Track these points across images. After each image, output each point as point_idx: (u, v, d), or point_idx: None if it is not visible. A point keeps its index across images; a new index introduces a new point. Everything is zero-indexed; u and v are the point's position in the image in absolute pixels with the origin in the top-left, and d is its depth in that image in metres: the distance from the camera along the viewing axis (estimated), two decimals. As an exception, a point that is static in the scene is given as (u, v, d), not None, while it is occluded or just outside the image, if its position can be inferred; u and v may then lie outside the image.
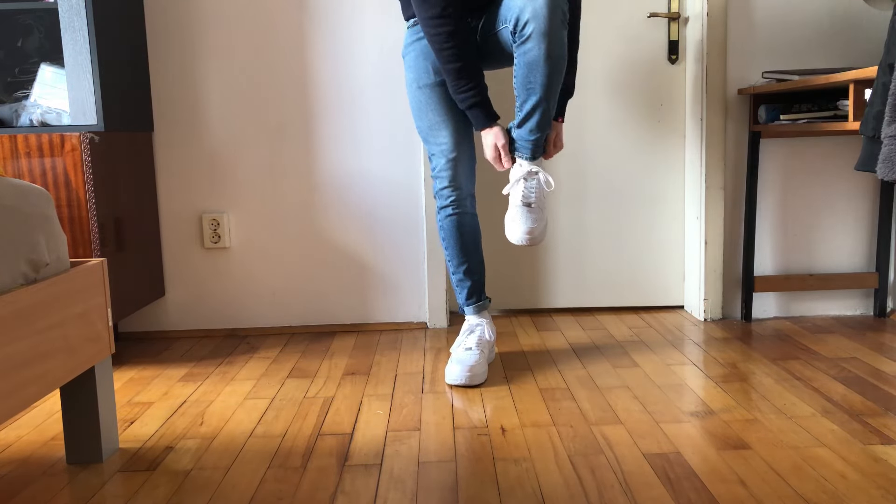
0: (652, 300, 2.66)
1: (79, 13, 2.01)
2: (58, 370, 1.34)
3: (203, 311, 2.50)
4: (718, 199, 2.47)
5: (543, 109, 1.79)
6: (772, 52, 2.43)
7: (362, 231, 2.48)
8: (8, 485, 1.42)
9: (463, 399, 1.81)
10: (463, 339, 2.01)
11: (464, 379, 1.89)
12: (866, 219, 2.51)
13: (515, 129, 1.87)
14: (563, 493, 1.33)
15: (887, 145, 1.62)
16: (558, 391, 1.85)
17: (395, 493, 1.34)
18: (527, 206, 1.86)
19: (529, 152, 1.87)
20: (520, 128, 1.85)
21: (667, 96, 2.55)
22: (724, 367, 2.00)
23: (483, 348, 1.98)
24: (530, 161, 1.88)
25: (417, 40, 1.96)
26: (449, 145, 1.94)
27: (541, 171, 1.88)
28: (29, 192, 1.36)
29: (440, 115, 1.94)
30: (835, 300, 2.55)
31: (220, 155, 2.44)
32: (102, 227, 2.05)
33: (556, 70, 1.74)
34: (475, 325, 2.03)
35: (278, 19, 2.39)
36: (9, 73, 2.16)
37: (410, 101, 1.99)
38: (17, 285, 1.28)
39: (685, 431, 1.58)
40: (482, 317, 2.05)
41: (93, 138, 2.00)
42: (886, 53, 1.67)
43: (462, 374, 1.89)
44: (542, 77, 1.74)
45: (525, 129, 1.84)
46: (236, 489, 1.38)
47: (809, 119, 2.10)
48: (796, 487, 1.32)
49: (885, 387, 1.82)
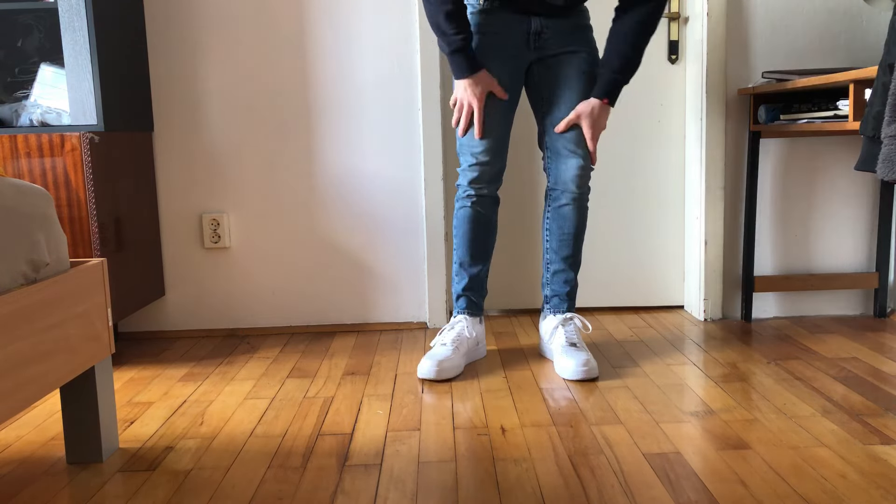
0: (652, 300, 2.66)
1: (79, 13, 2.01)
2: (58, 370, 1.34)
3: (203, 311, 2.50)
4: (718, 199, 2.47)
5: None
6: (772, 52, 2.43)
7: (362, 231, 2.48)
8: (8, 485, 1.42)
9: (463, 399, 1.81)
10: (441, 336, 2.06)
11: (432, 373, 1.94)
12: (866, 219, 2.51)
13: (549, 286, 2.09)
14: (563, 493, 1.33)
15: (887, 145, 1.62)
16: (558, 391, 1.85)
17: (395, 493, 1.34)
18: (572, 346, 1.99)
19: (565, 306, 2.07)
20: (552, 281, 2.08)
21: (667, 96, 2.55)
22: (724, 367, 2.00)
23: (459, 345, 2.01)
24: (563, 314, 2.07)
25: (481, 34, 1.96)
26: (480, 147, 1.98)
27: (575, 316, 2.07)
28: (29, 192, 1.36)
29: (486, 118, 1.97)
30: (835, 300, 2.55)
31: (220, 155, 2.44)
32: (102, 227, 2.05)
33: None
34: (456, 322, 2.08)
35: (278, 19, 2.39)
36: (9, 73, 2.16)
37: (456, 93, 1.99)
38: (17, 285, 1.28)
39: (685, 431, 1.58)
40: (471, 316, 2.08)
41: (93, 138, 2.00)
42: (886, 53, 1.67)
43: (430, 369, 1.94)
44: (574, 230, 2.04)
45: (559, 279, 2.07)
46: (236, 489, 1.38)
47: (809, 119, 2.10)
48: (796, 487, 1.32)
49: (885, 387, 1.82)
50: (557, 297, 2.08)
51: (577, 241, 2.05)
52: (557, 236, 2.05)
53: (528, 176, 2.57)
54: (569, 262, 2.06)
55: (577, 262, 2.08)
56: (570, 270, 2.07)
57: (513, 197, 2.58)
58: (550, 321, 2.08)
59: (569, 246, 2.05)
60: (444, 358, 1.96)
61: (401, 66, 2.41)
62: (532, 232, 2.60)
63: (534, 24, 1.95)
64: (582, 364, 1.91)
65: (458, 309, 2.10)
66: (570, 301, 2.08)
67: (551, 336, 2.06)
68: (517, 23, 1.95)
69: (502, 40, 1.96)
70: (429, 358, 1.97)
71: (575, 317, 2.07)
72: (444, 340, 2.03)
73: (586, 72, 1.98)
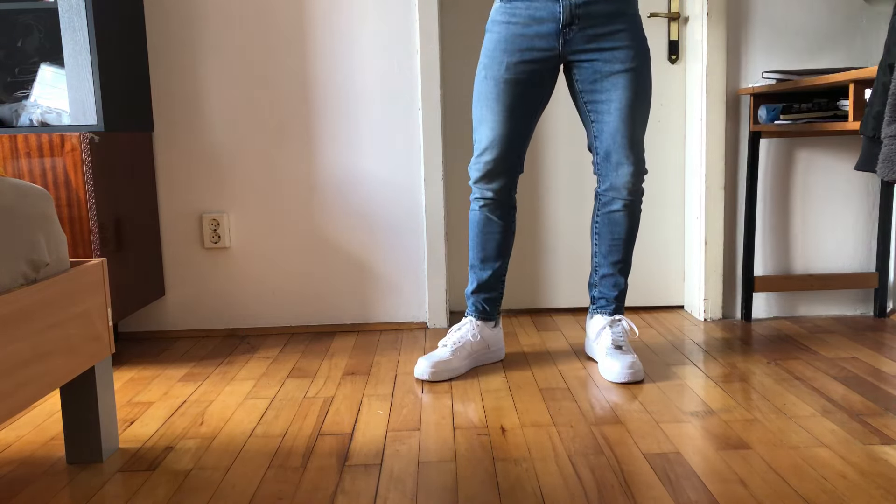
0: (652, 300, 2.66)
1: (79, 13, 2.01)
2: (58, 370, 1.34)
3: (203, 311, 2.50)
4: (718, 199, 2.47)
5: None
6: (772, 52, 2.43)
7: (362, 231, 2.48)
8: (8, 485, 1.42)
9: (463, 399, 1.81)
10: (446, 337, 2.06)
11: (426, 374, 1.94)
12: (866, 219, 2.51)
13: (597, 288, 2.06)
14: (563, 493, 1.33)
15: (887, 145, 1.62)
16: (558, 391, 1.85)
17: (395, 493, 1.34)
18: (618, 349, 1.95)
19: (612, 308, 2.03)
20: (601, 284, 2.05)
21: (667, 96, 2.55)
22: (724, 367, 2.00)
23: (460, 347, 2.00)
24: (611, 315, 2.03)
25: (506, 23, 1.86)
26: (486, 145, 1.91)
27: (623, 318, 2.04)
28: (29, 192, 1.36)
29: (492, 113, 1.89)
30: (835, 300, 2.55)
31: (220, 155, 2.44)
32: (102, 227, 2.05)
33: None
34: (463, 324, 2.06)
35: (279, 19, 2.39)
36: (9, 73, 2.16)
37: (475, 84, 1.94)
38: (17, 285, 1.28)
39: (685, 431, 1.58)
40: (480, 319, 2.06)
41: (93, 138, 2.00)
42: (886, 53, 1.67)
43: (425, 370, 1.94)
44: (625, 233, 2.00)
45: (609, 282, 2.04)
46: (236, 489, 1.38)
47: (809, 119, 2.10)
48: (796, 487, 1.32)
49: (885, 387, 1.82)
50: (604, 299, 2.04)
51: (627, 247, 2.00)
52: (608, 241, 1.99)
53: (526, 175, 2.57)
54: (618, 266, 2.01)
55: (627, 267, 2.02)
56: (619, 275, 2.02)
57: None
58: (598, 321, 2.04)
59: (619, 251, 1.99)
60: (439, 359, 1.96)
61: (401, 66, 2.41)
62: (532, 232, 2.60)
63: (564, 13, 1.81)
64: (627, 367, 1.88)
65: (467, 310, 2.08)
66: (617, 303, 2.04)
67: (597, 337, 2.02)
68: (546, 10, 1.82)
69: (527, 32, 1.84)
70: (425, 359, 1.97)
71: (623, 319, 2.03)
72: (445, 342, 2.03)
73: (630, 69, 1.84)
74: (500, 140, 1.90)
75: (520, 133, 1.91)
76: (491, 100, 1.89)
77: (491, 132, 1.90)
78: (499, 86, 1.87)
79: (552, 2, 1.82)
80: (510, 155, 1.92)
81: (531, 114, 1.91)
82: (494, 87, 1.88)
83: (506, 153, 1.91)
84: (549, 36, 1.84)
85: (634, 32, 1.86)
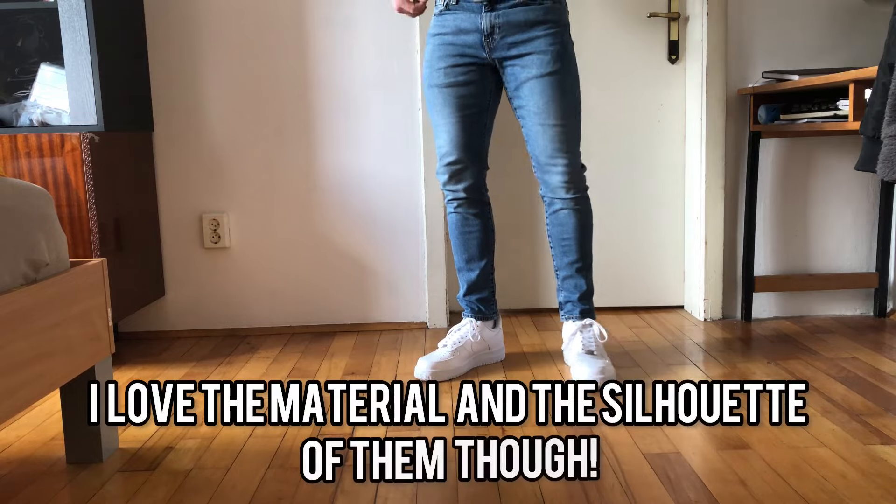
0: (652, 300, 2.66)
1: (79, 13, 2.01)
2: (58, 370, 1.34)
3: (203, 311, 2.50)
4: (718, 199, 2.47)
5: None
6: (772, 52, 2.43)
7: (362, 231, 2.48)
8: (8, 485, 1.42)
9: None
10: (446, 337, 2.06)
11: (426, 375, 1.95)
12: (866, 219, 2.51)
13: (561, 292, 2.04)
14: (564, 493, 1.33)
15: (887, 145, 1.62)
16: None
17: (396, 494, 1.34)
18: (589, 354, 1.95)
19: (578, 311, 2.02)
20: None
21: (667, 96, 2.55)
22: (724, 367, 2.00)
23: (460, 348, 2.00)
24: (581, 320, 2.02)
25: (438, 34, 1.93)
26: (445, 149, 1.97)
27: (594, 323, 2.03)
28: (29, 192, 1.36)
29: (442, 118, 1.95)
30: (835, 300, 2.55)
31: (220, 155, 2.44)
32: (102, 227, 2.05)
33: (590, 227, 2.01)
34: (462, 325, 2.07)
35: (278, 19, 2.39)
36: (9, 73, 2.16)
37: (424, 94, 2.00)
38: (17, 285, 1.28)
39: (685, 431, 1.58)
40: (478, 319, 2.06)
41: (93, 138, 2.00)
42: (886, 53, 1.67)
43: (425, 371, 1.95)
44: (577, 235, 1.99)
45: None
46: (236, 489, 1.38)
47: (809, 119, 2.10)
48: (796, 487, 1.32)
49: (885, 387, 1.82)
50: (570, 303, 2.03)
51: (581, 245, 1.98)
52: (559, 242, 2.00)
53: (524, 175, 2.57)
54: (575, 267, 1.99)
55: (585, 266, 2.00)
56: (578, 276, 2.00)
57: (511, 196, 2.58)
58: (569, 327, 2.04)
59: (572, 251, 1.98)
60: (439, 360, 1.96)
61: (401, 66, 2.41)
62: (531, 231, 2.60)
63: (485, 22, 1.86)
64: (598, 372, 1.87)
65: (464, 312, 2.10)
66: (583, 306, 2.02)
67: (569, 343, 2.03)
68: (470, 21, 1.87)
69: (456, 41, 1.90)
70: (426, 359, 1.97)
71: (594, 324, 2.02)
72: (446, 342, 2.04)
73: (546, 74, 1.86)
74: (455, 142, 1.95)
75: (473, 132, 1.96)
76: (438, 105, 1.95)
77: (446, 135, 1.96)
78: (442, 91, 1.94)
79: (475, 14, 1.88)
80: (469, 154, 1.97)
81: (479, 114, 1.95)
82: (438, 93, 1.94)
83: (464, 153, 1.96)
84: (475, 45, 1.90)
85: (554, 38, 1.86)
